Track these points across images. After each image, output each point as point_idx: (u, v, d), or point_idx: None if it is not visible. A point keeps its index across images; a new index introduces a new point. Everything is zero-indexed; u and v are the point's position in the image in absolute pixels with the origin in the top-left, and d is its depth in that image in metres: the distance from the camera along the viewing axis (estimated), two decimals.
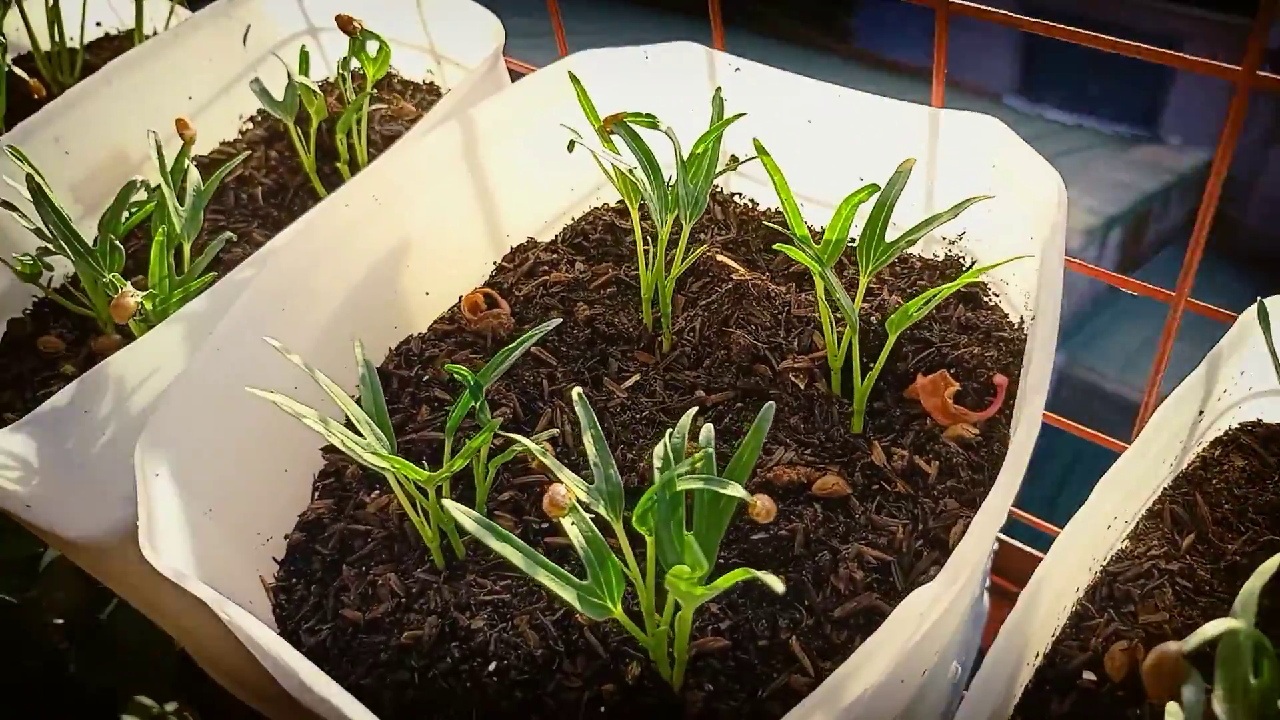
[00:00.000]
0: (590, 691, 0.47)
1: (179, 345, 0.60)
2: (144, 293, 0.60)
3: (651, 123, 0.57)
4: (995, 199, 0.58)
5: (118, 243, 0.66)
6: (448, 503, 0.41)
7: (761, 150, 0.52)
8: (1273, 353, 0.44)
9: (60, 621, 0.92)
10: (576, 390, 0.49)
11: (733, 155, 0.69)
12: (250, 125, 0.89)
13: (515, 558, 0.41)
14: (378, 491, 0.59)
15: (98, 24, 1.13)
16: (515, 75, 0.81)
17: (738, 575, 0.40)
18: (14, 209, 0.70)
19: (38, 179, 0.67)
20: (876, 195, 0.53)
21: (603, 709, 0.47)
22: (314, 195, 0.81)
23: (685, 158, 0.57)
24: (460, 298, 0.67)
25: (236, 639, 0.69)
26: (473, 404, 0.51)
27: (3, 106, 0.89)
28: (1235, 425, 0.53)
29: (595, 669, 0.48)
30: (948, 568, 0.37)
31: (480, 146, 0.63)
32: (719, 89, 0.59)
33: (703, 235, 0.68)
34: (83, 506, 0.62)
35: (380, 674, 0.51)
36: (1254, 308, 0.47)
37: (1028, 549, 0.73)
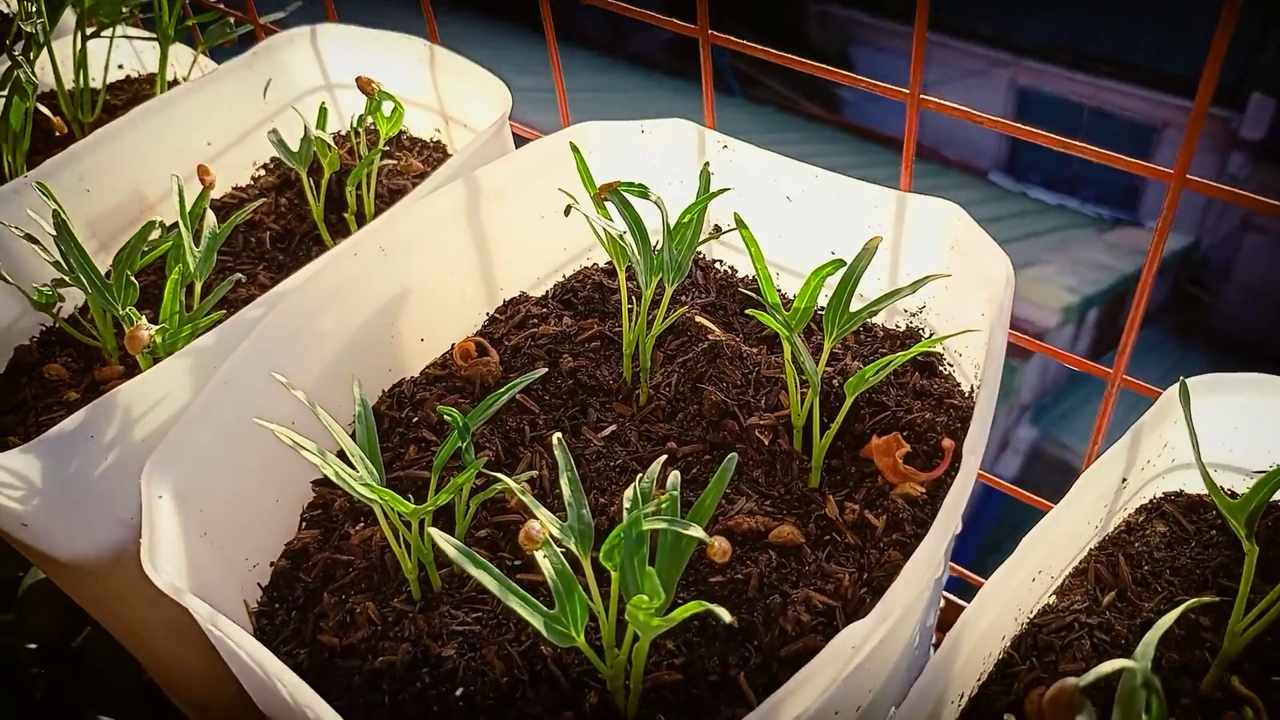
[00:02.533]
0: (551, 718, 0.50)
1: (186, 377, 0.64)
2: (156, 326, 0.64)
3: (642, 192, 0.62)
4: (953, 277, 0.63)
5: (132, 278, 0.71)
6: (433, 530, 0.44)
7: (740, 224, 0.57)
8: (1191, 430, 0.48)
9: (33, 647, 0.94)
10: (556, 436, 0.53)
11: (716, 225, 0.74)
12: (263, 172, 0.95)
13: (490, 584, 0.45)
14: (363, 524, 0.62)
15: (119, 66, 1.19)
16: (518, 137, 0.87)
17: (692, 608, 0.43)
18: (35, 242, 0.74)
19: (63, 215, 0.71)
20: (843, 269, 0.58)
21: None
22: (319, 243, 0.85)
23: (672, 226, 0.62)
24: (453, 345, 0.71)
25: (210, 668, 0.72)
26: (459, 445, 0.55)
27: (27, 143, 0.94)
28: (1160, 494, 0.57)
29: (556, 697, 0.51)
30: (879, 606, 0.41)
31: (482, 205, 0.68)
32: (706, 164, 0.64)
33: (684, 298, 0.73)
34: (78, 528, 0.65)
35: (353, 697, 0.54)
36: (1176, 386, 0.52)
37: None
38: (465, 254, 0.70)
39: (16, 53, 0.88)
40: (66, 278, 0.75)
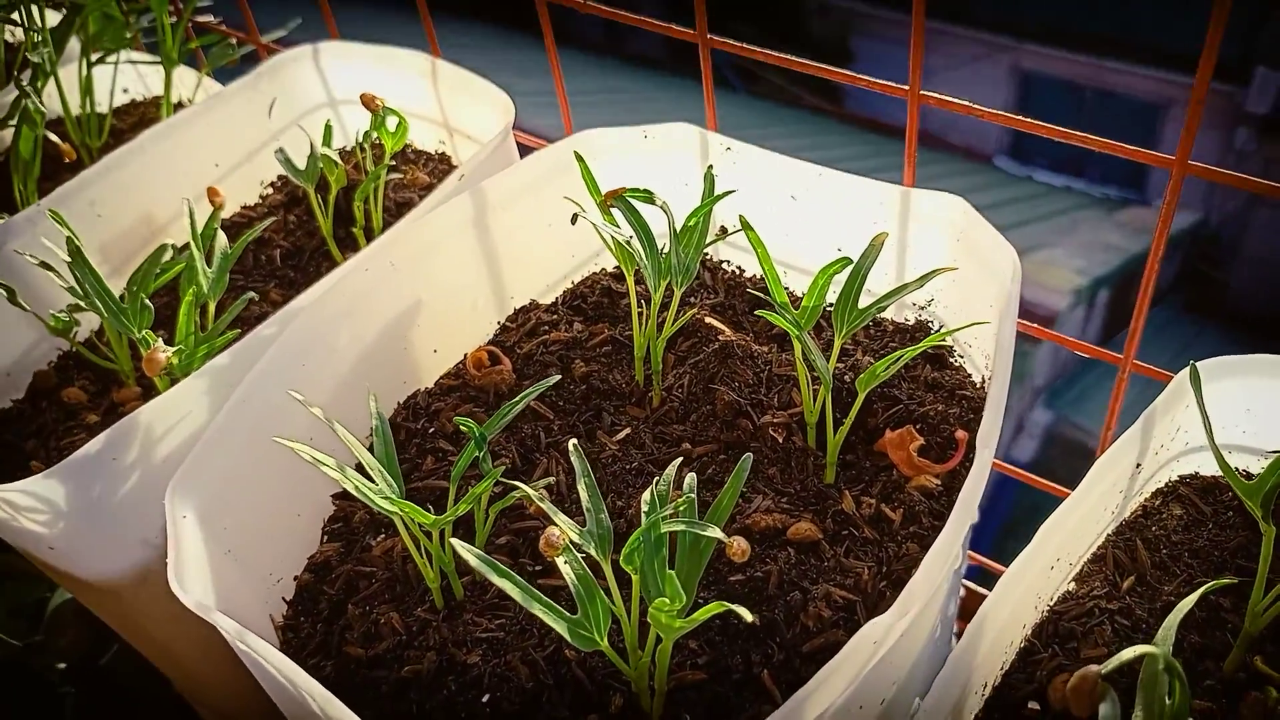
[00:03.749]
0: None
1: (204, 397, 0.65)
2: (172, 348, 0.65)
3: (648, 197, 0.62)
4: (960, 270, 0.63)
5: (146, 301, 0.72)
6: (454, 541, 0.45)
7: (746, 225, 0.57)
8: (1203, 413, 0.49)
9: (63, 666, 0.95)
10: (573, 442, 0.54)
11: (722, 226, 0.74)
12: (270, 190, 0.95)
13: (514, 591, 0.45)
14: (383, 536, 0.63)
15: (124, 90, 1.20)
16: (522, 146, 0.87)
17: (714, 609, 0.44)
18: (51, 269, 0.75)
19: (77, 242, 0.72)
20: (850, 266, 0.58)
21: None
22: (328, 258, 0.86)
23: (678, 229, 0.63)
24: (465, 355, 0.72)
25: (238, 682, 0.72)
26: (477, 454, 0.56)
27: (37, 170, 0.95)
28: (1175, 477, 0.58)
29: (582, 701, 0.52)
30: (900, 599, 0.42)
31: (490, 216, 0.69)
32: (710, 167, 0.65)
33: (693, 299, 0.74)
34: (103, 549, 0.66)
35: (381, 706, 0.55)
36: (1187, 370, 0.52)
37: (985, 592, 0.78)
38: (475, 265, 0.70)
39: (24, 82, 0.89)
40: (82, 302, 0.76)
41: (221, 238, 0.74)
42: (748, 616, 0.41)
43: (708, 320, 0.70)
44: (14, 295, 0.73)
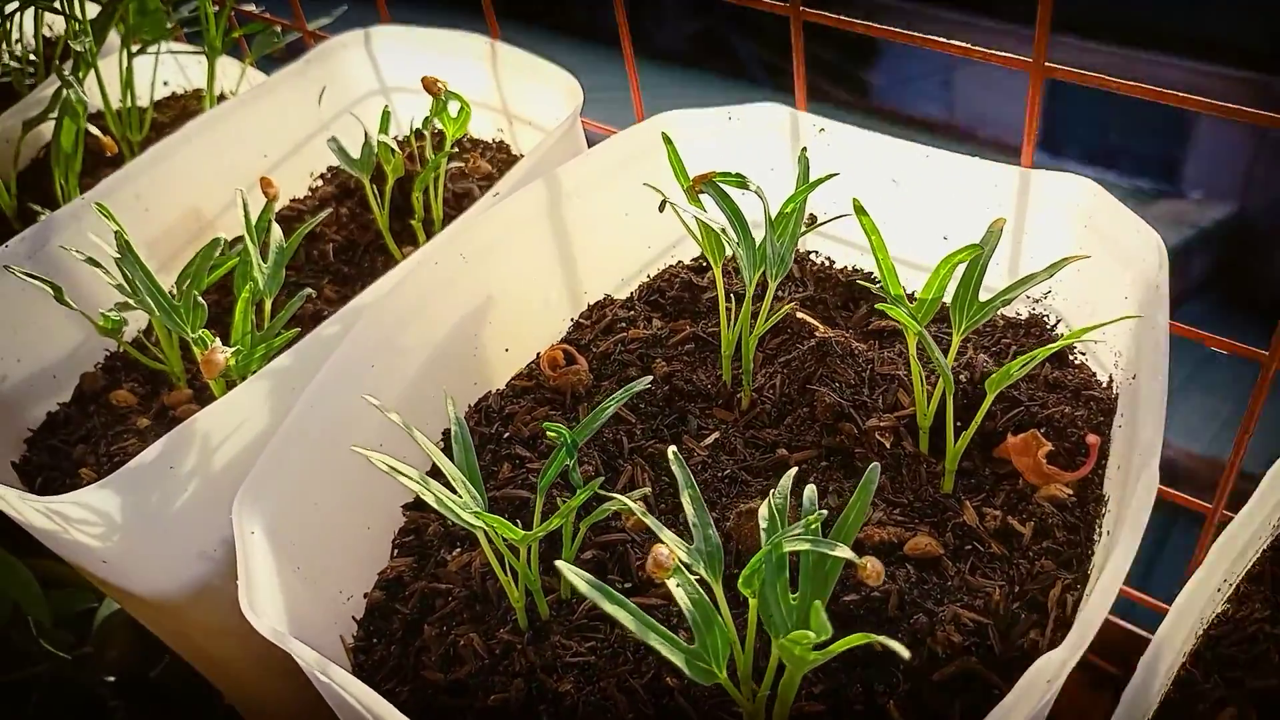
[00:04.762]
0: None
1: (264, 401, 0.60)
2: (230, 349, 0.61)
3: (741, 182, 0.57)
4: (1082, 259, 0.58)
5: (199, 298, 0.67)
6: (562, 566, 0.40)
7: (860, 211, 0.52)
8: None
9: (112, 679, 0.92)
10: (672, 450, 0.49)
11: (811, 214, 0.69)
12: (320, 182, 0.91)
13: (627, 620, 0.41)
14: (459, 550, 0.58)
15: (165, 83, 1.17)
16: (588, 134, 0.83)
17: (856, 640, 0.39)
18: (98, 265, 0.71)
19: (126, 237, 0.68)
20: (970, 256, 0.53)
21: None
22: (384, 252, 0.82)
23: (773, 216, 0.58)
24: (538, 354, 0.67)
25: (293, 695, 0.68)
26: (567, 463, 0.51)
27: (79, 164, 0.91)
28: None
29: None
30: (1074, 632, 0.36)
31: (564, 205, 0.64)
32: (804, 149, 0.60)
33: (780, 293, 0.69)
34: (158, 563, 0.62)
35: None
36: None
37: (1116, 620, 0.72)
38: (547, 257, 0.66)
39: (66, 72, 0.86)
40: (131, 300, 0.72)
41: (276, 231, 0.70)
42: (904, 652, 0.36)
43: (799, 315, 0.65)
44: (61, 294, 0.69)
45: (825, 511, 0.43)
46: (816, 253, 0.71)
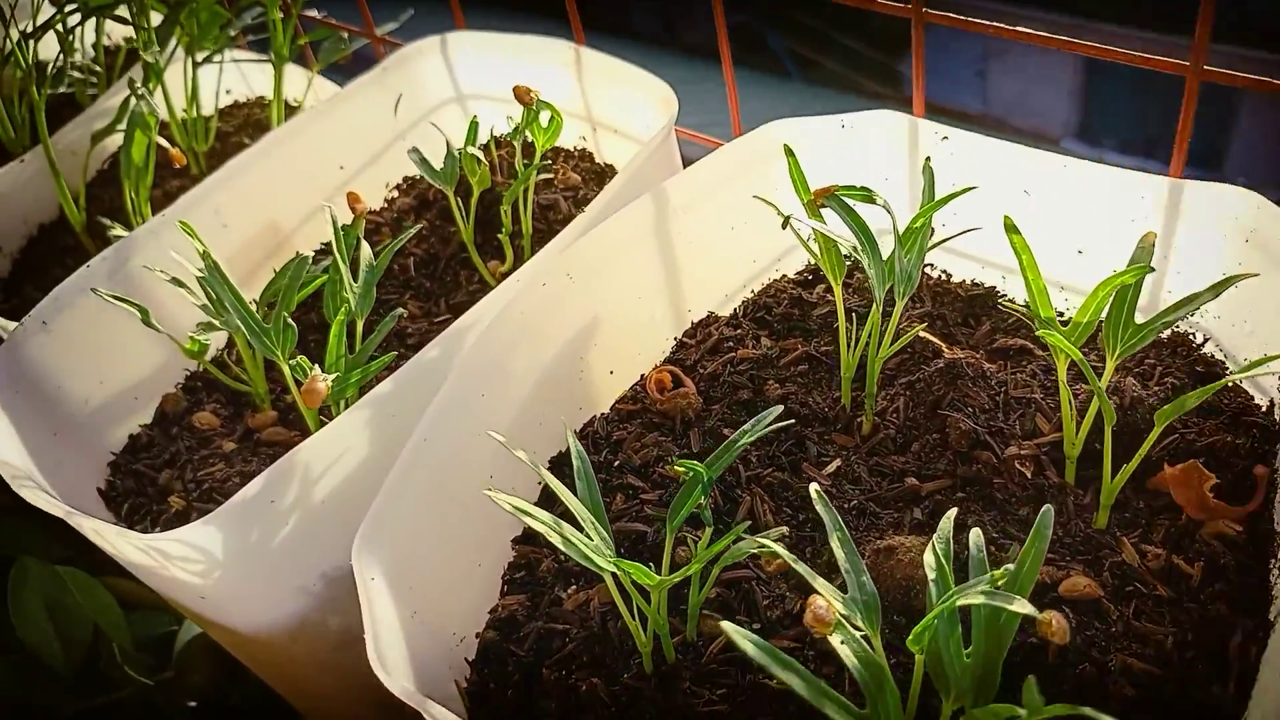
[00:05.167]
0: None
1: (363, 430, 0.58)
2: (330, 376, 0.58)
3: (866, 196, 0.54)
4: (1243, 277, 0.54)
5: (289, 320, 0.65)
6: (728, 626, 0.37)
7: (1012, 229, 0.48)
8: None
9: (193, 704, 0.90)
10: (814, 488, 0.46)
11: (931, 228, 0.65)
12: (396, 193, 0.89)
13: (800, 687, 0.37)
14: (575, 587, 0.55)
15: (227, 91, 1.15)
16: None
17: (1059, 710, 0.35)
18: (183, 285, 0.69)
19: (212, 258, 0.66)
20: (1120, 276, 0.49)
21: None
22: (466, 265, 0.79)
23: (900, 231, 0.54)
24: (643, 375, 0.64)
25: None
26: (699, 501, 0.48)
27: (150, 177, 0.89)
28: None
29: None
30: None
31: (672, 220, 0.61)
32: (928, 160, 0.56)
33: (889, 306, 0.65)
34: (257, 598, 0.60)
35: None
36: None
37: None
38: (653, 275, 0.63)
39: (137, 84, 0.84)
40: (216, 321, 0.70)
41: (366, 249, 0.67)
42: None
43: (922, 334, 0.62)
44: (147, 316, 0.67)
45: (1001, 569, 0.39)
46: (932, 265, 0.67)
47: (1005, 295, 0.64)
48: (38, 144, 1.02)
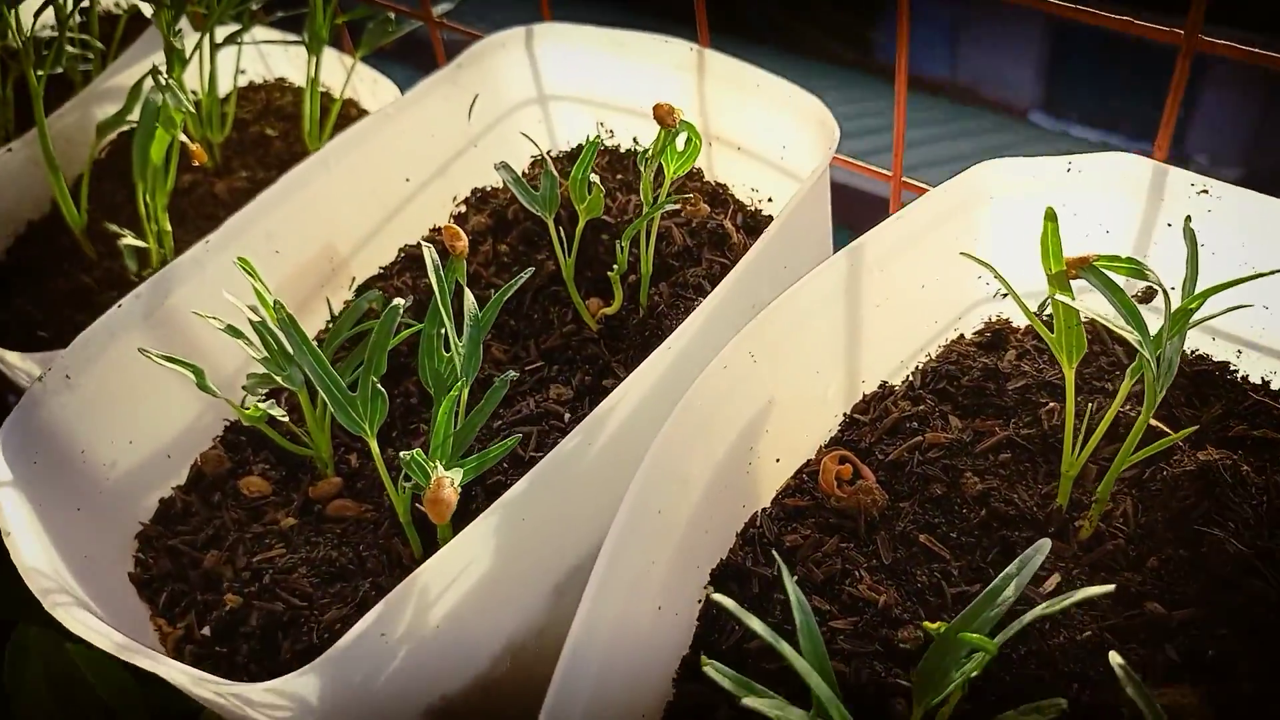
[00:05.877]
0: None
1: (489, 540, 0.47)
2: (454, 475, 0.47)
3: (1137, 270, 0.44)
4: None
5: (379, 387, 0.53)
6: None
7: None
8: None
9: None
10: (1117, 660, 0.36)
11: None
12: (464, 208, 0.76)
13: None
14: None
15: (242, 71, 1.01)
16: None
17: None
18: (240, 336, 0.57)
19: (285, 310, 0.54)
20: None
21: None
22: (558, 301, 0.67)
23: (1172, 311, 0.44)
24: (808, 462, 0.54)
25: None
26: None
27: (171, 182, 0.76)
28: None
29: None
30: None
31: (864, 280, 0.50)
32: (1188, 219, 0.46)
33: (1106, 384, 0.55)
34: None
35: None
36: None
37: None
38: (835, 345, 0.52)
39: (162, 73, 0.70)
40: (279, 379, 0.58)
41: (470, 299, 0.55)
42: None
43: (1151, 423, 0.52)
44: (203, 379, 0.55)
45: None
46: None
47: (1237, 372, 0.55)
48: (24, 130, 0.88)
